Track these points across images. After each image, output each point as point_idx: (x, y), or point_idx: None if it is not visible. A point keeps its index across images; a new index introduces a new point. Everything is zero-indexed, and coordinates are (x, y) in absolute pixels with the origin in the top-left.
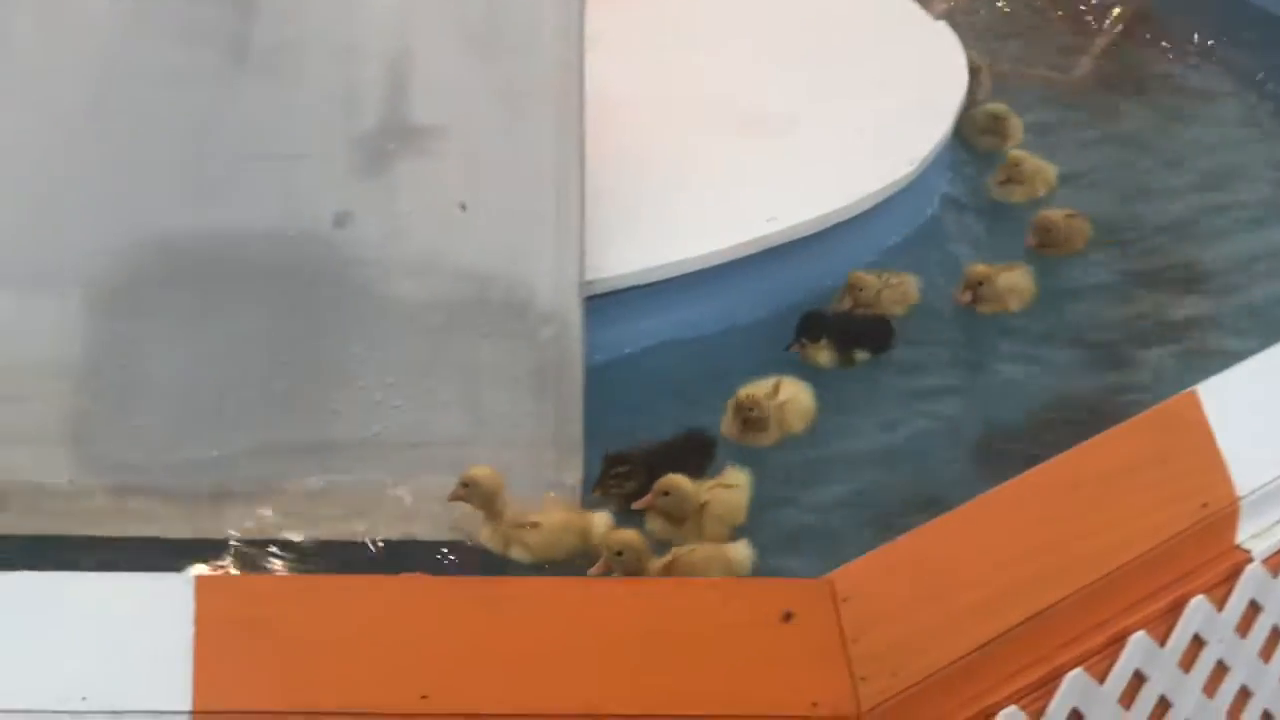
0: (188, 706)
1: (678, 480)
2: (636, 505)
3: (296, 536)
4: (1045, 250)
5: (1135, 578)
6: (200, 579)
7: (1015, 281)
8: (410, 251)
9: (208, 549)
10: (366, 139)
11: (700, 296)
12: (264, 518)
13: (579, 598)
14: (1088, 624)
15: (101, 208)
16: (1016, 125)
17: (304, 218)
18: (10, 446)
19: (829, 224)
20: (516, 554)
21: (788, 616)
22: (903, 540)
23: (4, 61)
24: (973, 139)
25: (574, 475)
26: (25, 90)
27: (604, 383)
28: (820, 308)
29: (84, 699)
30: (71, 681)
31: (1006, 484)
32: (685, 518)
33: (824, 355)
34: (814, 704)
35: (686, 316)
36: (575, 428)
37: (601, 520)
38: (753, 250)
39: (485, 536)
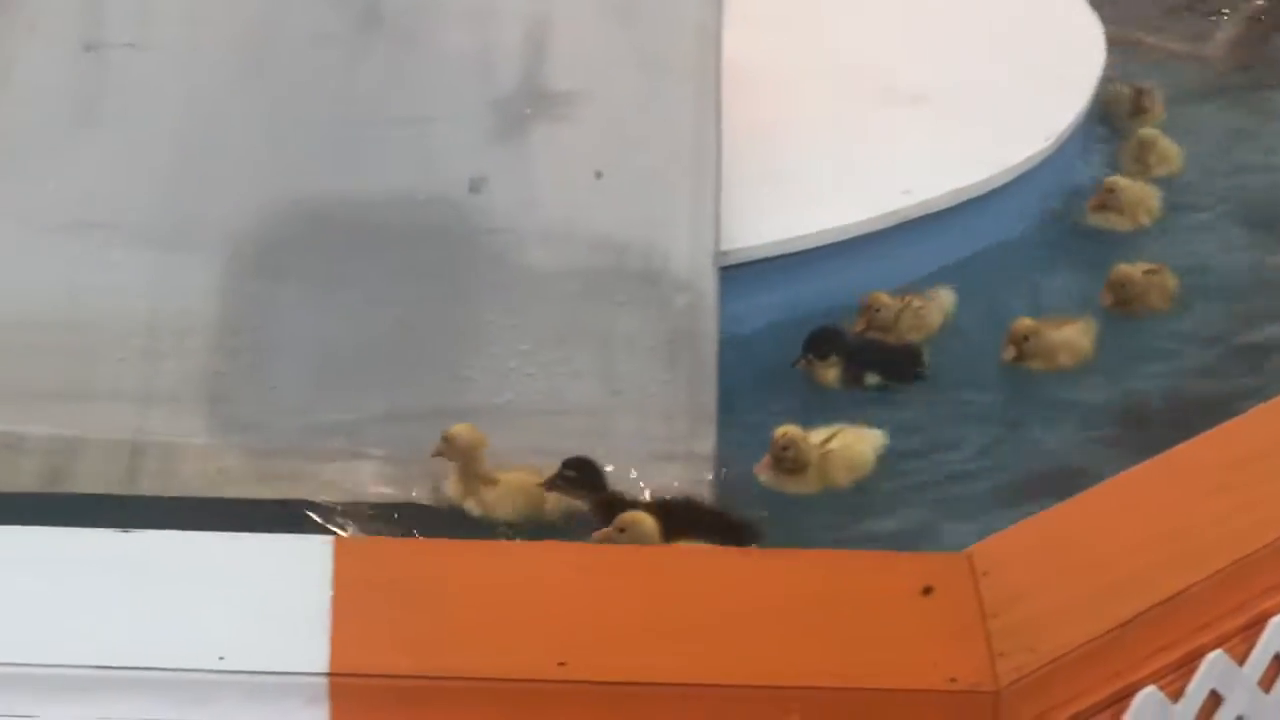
0: (324, 669)
1: (639, 518)
2: (595, 536)
3: (428, 501)
4: (1121, 309)
5: (1274, 561)
6: (339, 541)
7: (1070, 337)
8: (545, 218)
9: (340, 512)
10: (503, 103)
11: (831, 269)
12: (396, 482)
13: (717, 566)
14: (1227, 606)
15: (243, 168)
16: (1166, 153)
17: (439, 182)
18: (146, 405)
19: (964, 198)
20: (470, 506)
21: (927, 590)
22: (1042, 516)
23: (151, 23)
24: (1128, 166)
25: (706, 445)
26: (171, 50)
27: (733, 356)
28: (834, 323)
29: (221, 658)
30: (208, 641)
31: (1145, 463)
32: None
33: (831, 374)
34: (952, 679)
35: (817, 289)
36: (708, 397)
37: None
38: (887, 224)
39: (450, 488)
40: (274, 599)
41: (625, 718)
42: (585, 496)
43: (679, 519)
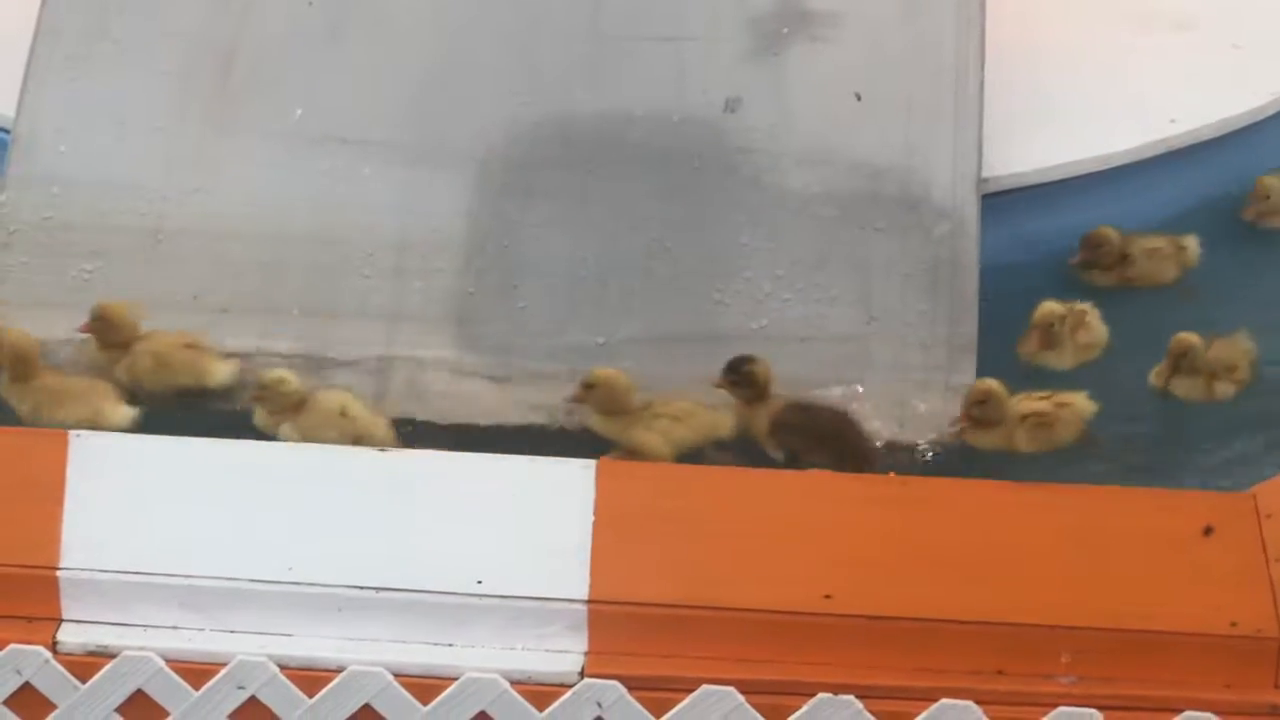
0: (583, 595)
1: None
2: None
3: None
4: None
5: None
6: (602, 464)
7: None
8: (802, 140)
9: (587, 438)
10: (760, 22)
11: (1096, 199)
12: None
13: (992, 500)
14: None
15: (493, 85)
16: None
17: (693, 102)
18: (393, 324)
19: (1232, 128)
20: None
21: (1208, 531)
22: None
23: None
24: None
25: (966, 377)
26: None
27: (990, 285)
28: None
29: (479, 583)
30: (467, 565)
31: None
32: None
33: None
34: (1233, 623)
35: (1079, 219)
36: (969, 328)
37: None
38: (1152, 153)
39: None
40: (534, 523)
41: (891, 653)
42: None
43: None
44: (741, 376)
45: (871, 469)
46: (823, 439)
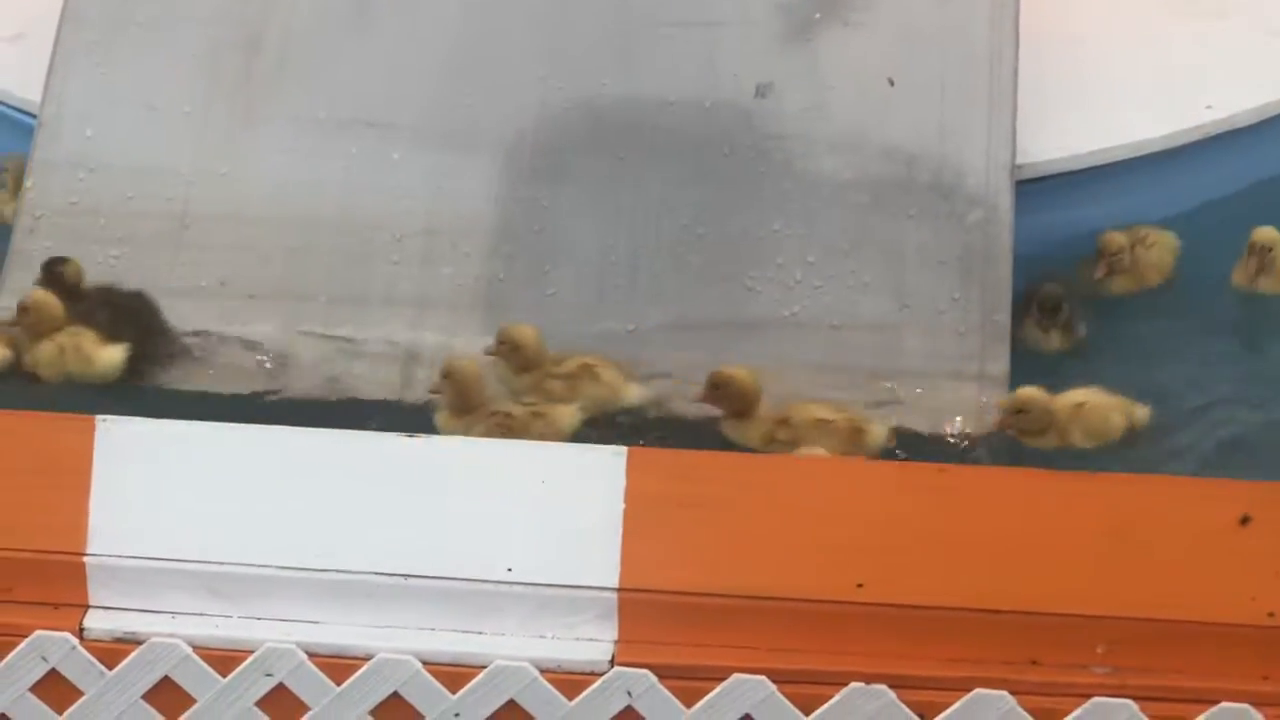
0: (613, 583)
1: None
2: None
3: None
4: None
5: None
6: (633, 452)
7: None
8: (834, 126)
9: (619, 425)
10: (792, 7)
11: (1130, 186)
12: (678, 394)
13: (1026, 489)
14: None
15: (523, 69)
16: None
17: (724, 87)
18: (421, 310)
19: (1269, 115)
20: None
21: (1245, 520)
22: None
23: None
24: None
25: (1000, 365)
26: None
27: (1024, 273)
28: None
29: (509, 570)
30: (497, 552)
31: None
32: None
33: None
34: (1270, 614)
35: (1114, 207)
36: (1003, 316)
37: None
38: (1188, 139)
39: None
40: (564, 510)
41: (924, 642)
42: None
43: None
44: (53, 276)
45: (168, 350)
46: (124, 316)
